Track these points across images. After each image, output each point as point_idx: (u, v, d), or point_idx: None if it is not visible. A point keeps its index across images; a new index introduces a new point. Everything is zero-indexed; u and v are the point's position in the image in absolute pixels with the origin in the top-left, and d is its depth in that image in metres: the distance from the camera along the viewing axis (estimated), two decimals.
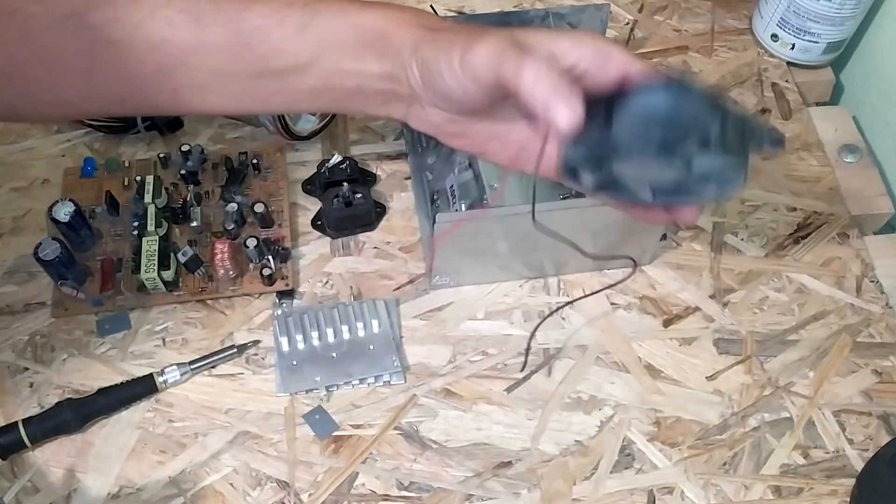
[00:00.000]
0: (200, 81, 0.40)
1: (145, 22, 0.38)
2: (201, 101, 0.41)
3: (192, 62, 0.39)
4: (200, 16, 0.39)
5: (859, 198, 0.59)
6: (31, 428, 0.46)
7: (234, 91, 0.40)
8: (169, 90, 0.40)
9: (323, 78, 0.40)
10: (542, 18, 0.57)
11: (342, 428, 0.49)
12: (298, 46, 0.39)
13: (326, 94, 0.41)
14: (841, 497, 0.47)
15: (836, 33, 0.62)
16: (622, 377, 0.51)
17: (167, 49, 0.39)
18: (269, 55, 0.39)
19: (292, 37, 0.39)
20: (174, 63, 0.39)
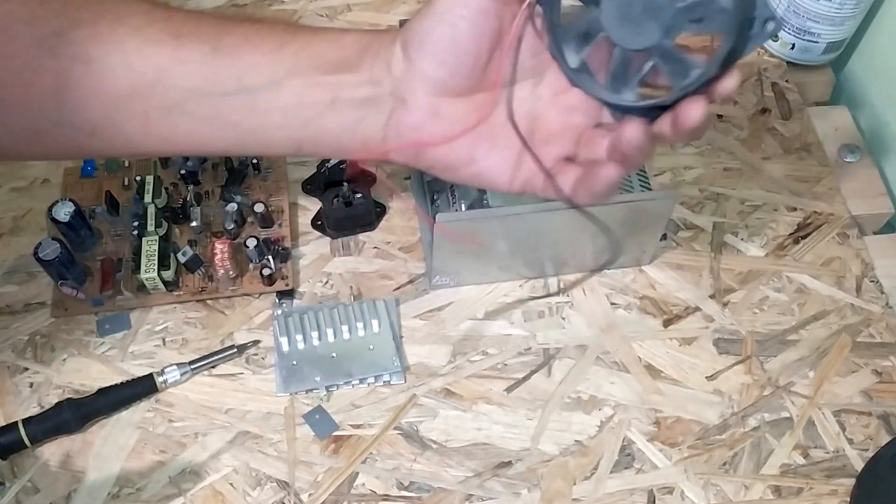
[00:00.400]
0: (172, 102, 0.39)
1: (124, 40, 0.38)
2: (170, 129, 0.40)
3: (165, 80, 0.39)
4: (180, 33, 0.39)
5: (859, 198, 0.59)
6: (31, 428, 0.46)
7: (204, 113, 0.39)
8: (140, 115, 0.39)
9: (297, 92, 0.39)
10: None
11: (342, 428, 0.49)
12: (274, 63, 0.39)
13: (300, 111, 0.39)
14: (841, 497, 0.47)
15: (836, 33, 0.62)
16: (622, 377, 0.51)
17: (142, 67, 0.38)
18: (244, 71, 0.39)
19: (269, 53, 0.39)
20: (148, 82, 0.39)
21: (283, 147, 0.41)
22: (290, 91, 0.39)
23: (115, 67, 0.38)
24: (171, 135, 0.40)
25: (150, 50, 0.38)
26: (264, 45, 0.39)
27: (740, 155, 0.61)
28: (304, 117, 0.39)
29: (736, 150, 0.61)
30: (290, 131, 0.40)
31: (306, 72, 0.39)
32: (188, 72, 0.39)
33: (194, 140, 0.41)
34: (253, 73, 0.39)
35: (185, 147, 0.41)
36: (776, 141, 0.62)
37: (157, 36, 0.39)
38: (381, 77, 0.39)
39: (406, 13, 0.66)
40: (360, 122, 0.39)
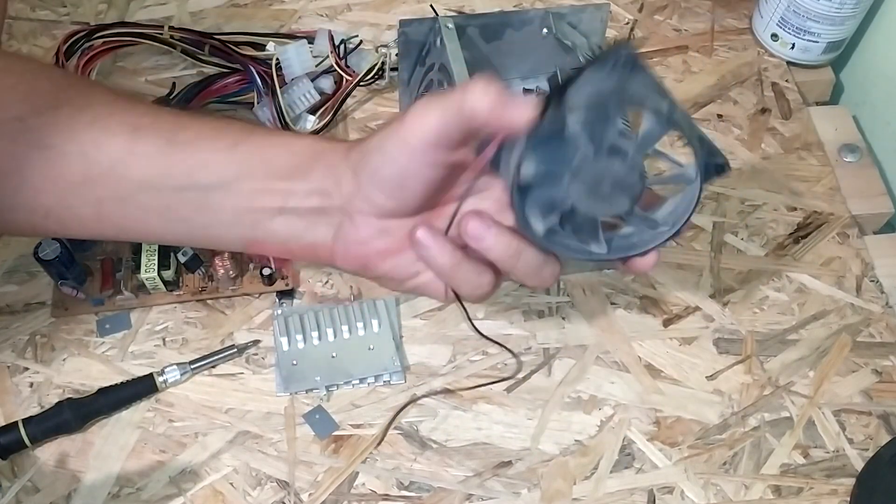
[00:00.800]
0: (125, 193, 0.39)
1: (83, 129, 0.39)
2: (122, 217, 0.40)
3: (119, 171, 0.39)
4: (138, 126, 0.40)
5: (859, 197, 0.59)
6: (31, 428, 0.46)
7: (156, 206, 0.40)
8: (93, 201, 0.40)
9: (247, 196, 0.39)
10: (542, 18, 0.57)
11: (342, 428, 0.49)
12: (227, 161, 0.39)
13: (249, 214, 0.39)
14: (841, 497, 0.47)
15: (837, 33, 0.62)
16: (622, 377, 0.51)
17: (98, 156, 0.39)
18: (196, 168, 0.39)
19: (222, 151, 0.40)
20: (102, 171, 0.39)
21: (235, 245, 0.42)
22: (240, 193, 0.39)
23: (70, 155, 0.39)
24: (124, 223, 0.41)
25: (107, 140, 0.39)
26: (218, 142, 0.40)
27: (740, 154, 0.61)
28: (254, 220, 0.40)
29: (736, 149, 0.61)
30: (239, 230, 0.40)
31: (257, 175, 0.39)
32: (142, 164, 0.39)
33: (147, 230, 0.41)
34: (205, 170, 0.39)
35: (140, 235, 0.42)
36: (776, 140, 0.62)
37: (116, 127, 0.39)
38: (329, 190, 0.39)
39: (406, 13, 0.66)
40: (308, 230, 0.40)
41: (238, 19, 0.66)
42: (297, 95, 0.59)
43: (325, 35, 0.60)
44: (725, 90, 0.64)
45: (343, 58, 0.60)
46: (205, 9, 0.66)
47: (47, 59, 0.60)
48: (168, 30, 0.61)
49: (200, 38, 0.61)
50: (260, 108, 0.59)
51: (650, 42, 0.67)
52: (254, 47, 0.61)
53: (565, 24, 0.58)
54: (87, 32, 0.60)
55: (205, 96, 0.59)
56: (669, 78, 0.64)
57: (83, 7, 0.66)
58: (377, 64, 0.60)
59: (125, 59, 0.63)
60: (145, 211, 0.40)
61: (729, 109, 0.63)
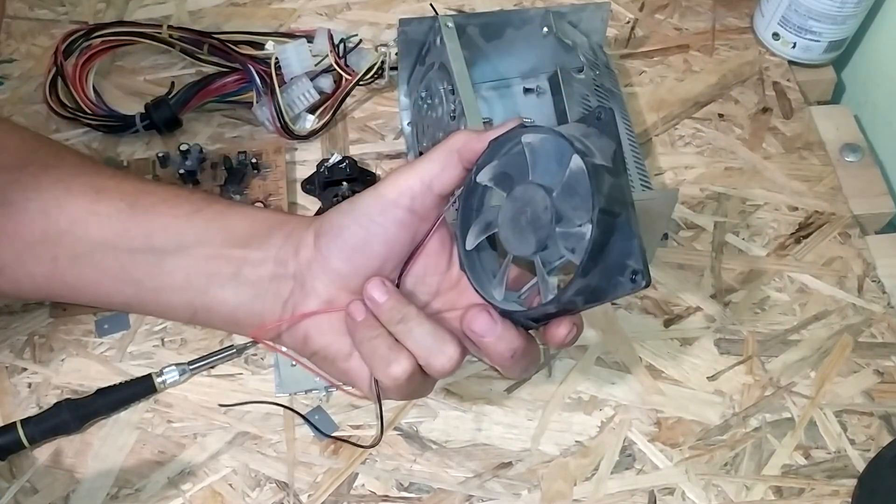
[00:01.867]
0: (81, 252, 0.40)
1: (47, 188, 0.40)
2: (76, 276, 0.41)
3: (78, 231, 0.40)
4: (101, 188, 0.40)
5: (861, 197, 0.59)
6: (29, 428, 0.46)
7: (109, 266, 0.40)
8: (48, 259, 0.40)
9: (202, 261, 0.40)
10: (543, 17, 0.57)
11: (342, 428, 0.48)
12: (185, 227, 0.40)
13: (202, 278, 0.40)
14: (842, 497, 0.47)
15: (838, 32, 0.62)
16: (623, 377, 0.51)
17: (58, 215, 0.40)
18: (153, 231, 0.40)
19: (182, 217, 0.40)
20: (61, 230, 0.40)
21: (181, 312, 0.41)
22: (194, 258, 0.40)
23: (31, 213, 0.40)
24: (76, 283, 0.41)
25: (69, 200, 0.40)
26: (179, 208, 0.40)
27: (741, 154, 0.61)
28: (205, 285, 0.40)
29: (737, 149, 0.61)
30: (189, 296, 0.40)
31: (214, 242, 0.40)
32: (102, 225, 0.40)
33: (98, 291, 0.41)
34: (162, 233, 0.40)
35: (88, 297, 0.42)
36: (777, 140, 0.61)
37: (79, 188, 0.40)
38: (286, 258, 0.39)
39: (405, 12, 0.66)
40: (258, 298, 0.40)
41: (237, 18, 0.66)
42: (297, 95, 0.59)
43: (325, 34, 0.60)
44: (726, 89, 0.64)
45: (342, 57, 0.60)
46: (203, 8, 0.66)
47: (46, 59, 0.60)
48: (167, 29, 0.61)
49: (199, 38, 0.60)
50: (259, 107, 0.58)
51: (651, 41, 0.66)
52: (253, 46, 0.61)
53: (566, 23, 0.58)
54: (86, 32, 0.60)
55: (203, 95, 0.59)
56: (670, 77, 0.64)
57: (82, 6, 0.66)
58: (377, 63, 0.59)
59: (124, 59, 0.62)
60: (99, 271, 0.40)
61: (730, 109, 0.63)
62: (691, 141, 0.61)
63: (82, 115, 0.58)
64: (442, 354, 0.38)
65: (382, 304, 0.38)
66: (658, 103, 0.63)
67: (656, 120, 0.62)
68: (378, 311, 0.38)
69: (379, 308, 0.38)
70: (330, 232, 0.38)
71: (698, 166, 0.60)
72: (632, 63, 0.65)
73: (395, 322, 0.38)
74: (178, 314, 0.42)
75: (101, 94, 0.60)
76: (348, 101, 0.60)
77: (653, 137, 0.61)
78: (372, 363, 0.38)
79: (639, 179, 0.54)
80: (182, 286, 0.40)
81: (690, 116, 0.62)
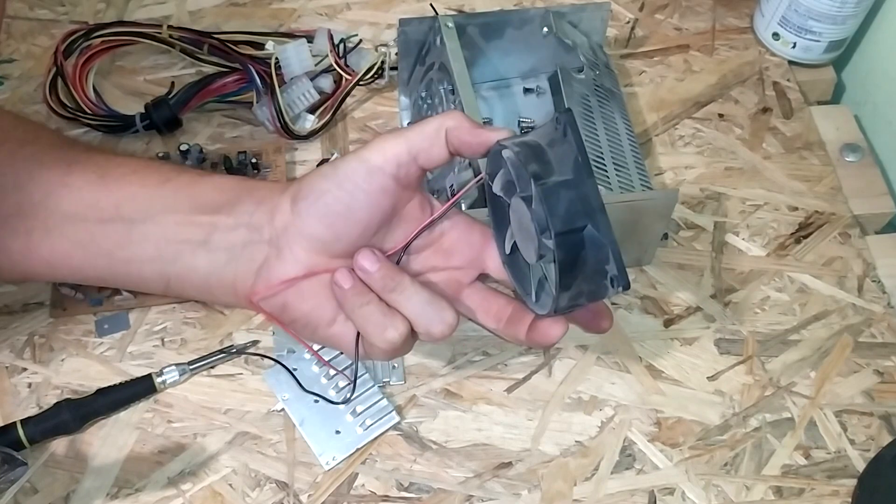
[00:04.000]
0: (53, 224, 0.40)
1: (22, 163, 0.40)
2: (50, 249, 0.41)
3: (51, 203, 0.40)
4: (73, 161, 0.41)
5: (861, 197, 0.59)
6: (29, 428, 0.46)
7: (81, 238, 0.40)
8: (23, 233, 0.40)
9: (171, 229, 0.40)
10: (543, 17, 0.57)
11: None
12: (154, 196, 0.40)
13: (172, 246, 0.40)
14: (842, 498, 0.47)
15: (838, 32, 0.62)
16: (623, 377, 0.51)
17: (31, 188, 0.40)
18: (123, 201, 0.40)
19: (151, 186, 0.40)
20: (34, 203, 0.40)
21: (154, 282, 0.42)
22: (164, 226, 0.40)
23: (6, 187, 0.40)
24: (50, 257, 0.41)
25: (42, 173, 0.40)
26: (148, 178, 0.41)
27: (741, 154, 0.61)
28: (175, 253, 0.40)
29: (737, 149, 0.61)
30: (160, 266, 0.40)
31: (183, 209, 0.40)
32: (73, 197, 0.40)
33: (71, 264, 0.41)
34: (131, 203, 0.40)
35: (63, 272, 0.42)
36: (777, 140, 0.61)
37: (52, 162, 0.41)
38: (261, 224, 0.39)
39: (405, 11, 0.66)
40: (230, 265, 0.40)
41: (237, 18, 0.65)
42: (297, 95, 0.59)
43: (325, 34, 0.60)
44: (727, 89, 0.64)
45: (342, 57, 0.60)
46: (203, 8, 0.66)
47: (46, 59, 0.60)
48: (167, 29, 0.61)
49: (199, 38, 0.60)
50: (259, 107, 0.58)
51: (651, 41, 0.66)
52: (253, 46, 0.61)
53: (566, 23, 0.58)
54: (86, 32, 0.60)
55: (203, 95, 0.59)
56: (670, 77, 0.64)
57: (82, 6, 0.66)
58: (377, 63, 0.59)
59: (124, 59, 0.62)
60: (71, 243, 0.40)
61: (730, 109, 0.63)
62: (691, 141, 0.61)
63: (82, 115, 0.58)
64: (441, 322, 0.38)
65: (374, 274, 0.38)
66: (658, 103, 0.63)
67: (656, 120, 0.62)
68: (369, 280, 0.38)
69: (370, 277, 0.38)
70: (310, 195, 0.38)
71: (698, 166, 0.60)
72: (632, 63, 0.65)
73: (388, 290, 0.38)
74: (152, 285, 0.42)
75: (101, 94, 0.60)
76: (348, 101, 0.60)
77: (653, 137, 0.61)
78: (365, 329, 0.38)
79: (639, 179, 0.54)
80: (153, 256, 0.40)
81: (690, 116, 0.62)
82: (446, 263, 0.42)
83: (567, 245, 0.35)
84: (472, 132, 0.37)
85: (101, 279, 0.44)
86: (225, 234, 0.39)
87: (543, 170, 0.36)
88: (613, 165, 0.53)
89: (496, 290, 0.43)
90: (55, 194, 0.40)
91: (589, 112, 0.55)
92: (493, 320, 0.42)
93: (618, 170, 0.53)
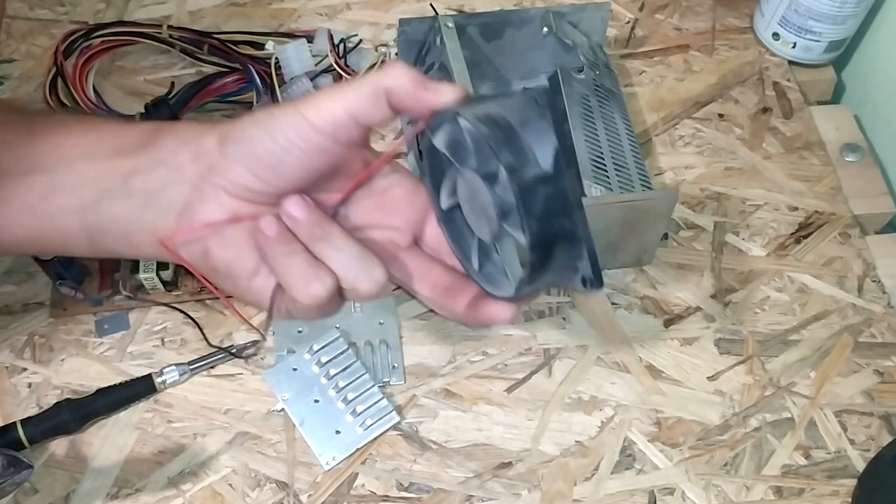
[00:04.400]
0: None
1: None
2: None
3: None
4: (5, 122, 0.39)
5: (861, 197, 0.59)
6: (29, 428, 0.46)
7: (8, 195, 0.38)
8: None
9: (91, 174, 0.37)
10: (543, 17, 0.57)
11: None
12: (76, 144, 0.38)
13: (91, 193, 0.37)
14: (842, 497, 0.47)
15: (838, 32, 0.62)
16: (623, 377, 0.51)
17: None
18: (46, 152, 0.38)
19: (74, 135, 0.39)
20: None
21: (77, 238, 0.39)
22: (83, 173, 0.38)
23: None
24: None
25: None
26: (74, 128, 0.39)
27: (741, 154, 0.61)
28: (95, 201, 0.38)
29: (737, 149, 0.61)
30: (81, 217, 0.38)
31: (104, 154, 0.38)
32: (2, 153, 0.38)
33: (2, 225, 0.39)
34: (54, 152, 0.38)
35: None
36: (777, 140, 0.61)
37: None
38: (182, 164, 0.37)
39: (405, 12, 0.66)
40: (149, 208, 0.37)
41: (237, 18, 0.65)
42: (297, 95, 0.59)
43: (325, 34, 0.60)
44: (727, 89, 0.64)
45: (342, 57, 0.60)
46: (203, 8, 0.66)
47: (46, 59, 0.60)
48: (167, 29, 0.61)
49: (199, 38, 0.60)
50: (259, 107, 0.58)
51: (651, 41, 0.66)
52: (253, 46, 0.61)
53: (566, 23, 0.58)
54: (86, 32, 0.60)
55: (203, 95, 0.59)
56: (670, 77, 0.64)
57: (82, 6, 0.66)
58: (377, 63, 0.59)
59: (124, 59, 0.62)
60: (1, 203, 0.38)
61: (730, 109, 0.63)
62: (691, 141, 0.61)
63: None
64: (369, 278, 0.36)
65: (301, 221, 0.36)
66: (658, 103, 0.63)
67: (656, 120, 0.62)
68: (297, 228, 0.36)
69: (297, 224, 0.36)
70: (240, 140, 0.36)
71: (698, 166, 0.60)
72: (632, 63, 0.65)
73: (315, 239, 0.36)
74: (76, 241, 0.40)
75: (101, 94, 0.60)
76: None
77: (653, 137, 0.61)
78: (288, 281, 0.36)
79: (639, 179, 0.54)
80: (74, 206, 0.38)
81: (690, 116, 0.62)
82: (385, 222, 0.39)
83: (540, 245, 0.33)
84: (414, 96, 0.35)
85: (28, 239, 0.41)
86: (143, 175, 0.37)
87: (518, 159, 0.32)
88: (613, 165, 0.53)
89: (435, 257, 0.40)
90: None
91: (589, 112, 0.55)
92: (429, 288, 0.39)
93: (618, 170, 0.53)
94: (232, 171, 0.36)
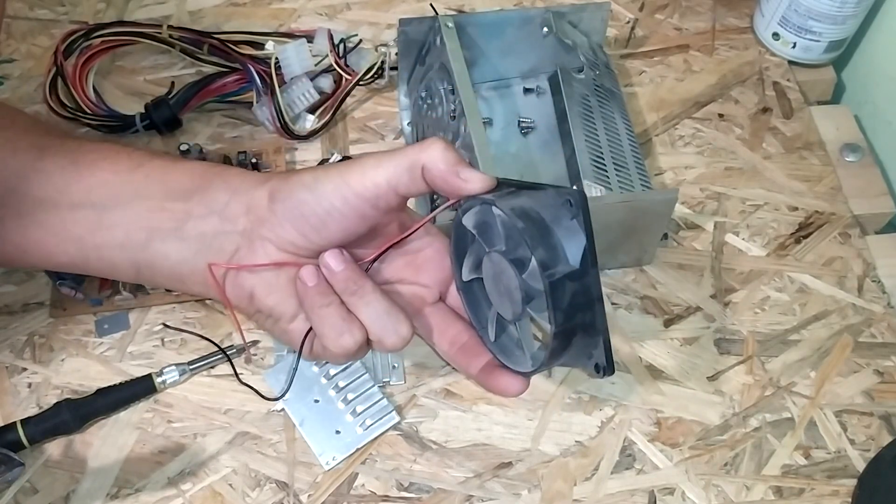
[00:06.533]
0: (25, 210, 0.40)
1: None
2: (22, 236, 0.41)
3: (22, 188, 0.40)
4: (44, 147, 0.40)
5: (861, 197, 0.59)
6: (29, 428, 0.46)
7: (53, 224, 0.40)
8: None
9: (143, 215, 0.39)
10: (543, 17, 0.57)
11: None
12: (125, 182, 0.40)
13: (142, 233, 0.40)
14: (842, 498, 0.47)
15: (838, 32, 0.62)
16: (623, 377, 0.51)
17: (5, 174, 0.40)
18: (94, 187, 0.40)
19: (122, 172, 0.40)
20: (7, 189, 0.40)
21: (124, 269, 0.41)
22: (135, 212, 0.40)
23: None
24: (23, 243, 0.41)
25: (14, 158, 0.40)
26: (120, 164, 0.40)
27: (741, 154, 0.61)
28: (146, 240, 0.40)
29: (737, 149, 0.61)
30: (130, 252, 0.40)
31: (154, 195, 0.40)
32: (44, 182, 0.40)
33: (43, 251, 0.41)
34: (102, 189, 0.40)
35: (36, 258, 0.42)
36: (777, 140, 0.61)
37: (25, 147, 0.40)
38: (235, 215, 0.39)
39: (405, 11, 0.66)
40: (200, 253, 0.39)
41: (237, 18, 0.65)
42: (297, 95, 0.59)
43: (325, 34, 0.60)
44: (726, 89, 0.64)
45: (342, 57, 0.60)
46: (203, 8, 0.66)
47: (46, 59, 0.60)
48: (167, 29, 0.61)
49: (199, 38, 0.60)
50: (259, 107, 0.58)
51: (651, 41, 0.66)
52: (253, 46, 0.61)
53: (566, 23, 0.58)
54: (86, 32, 0.60)
55: (203, 95, 0.59)
56: (670, 77, 0.64)
57: (81, 6, 0.66)
58: (377, 63, 0.59)
59: (124, 59, 0.62)
60: (43, 229, 0.40)
61: (730, 109, 0.63)
62: (691, 141, 0.61)
63: (82, 115, 0.58)
64: (395, 334, 0.39)
65: (338, 274, 0.38)
66: (658, 103, 0.63)
67: (656, 120, 0.62)
68: (333, 280, 0.38)
69: (334, 276, 0.38)
70: (289, 201, 0.38)
71: (698, 166, 0.60)
72: (632, 63, 0.65)
73: (349, 293, 0.38)
74: (122, 272, 0.42)
75: (101, 94, 0.60)
76: (348, 101, 0.60)
77: (653, 137, 0.61)
78: (322, 330, 0.38)
79: (639, 179, 0.54)
80: (122, 242, 0.40)
81: (690, 116, 0.62)
82: (414, 278, 0.42)
83: (562, 335, 0.35)
84: (446, 179, 0.37)
85: (73, 265, 0.43)
86: (196, 222, 0.39)
87: (551, 257, 0.35)
88: (613, 165, 0.53)
89: (457, 314, 0.43)
90: (27, 179, 0.40)
91: (589, 112, 0.55)
92: (447, 343, 0.42)
93: (618, 170, 0.53)
94: (280, 228, 0.39)
